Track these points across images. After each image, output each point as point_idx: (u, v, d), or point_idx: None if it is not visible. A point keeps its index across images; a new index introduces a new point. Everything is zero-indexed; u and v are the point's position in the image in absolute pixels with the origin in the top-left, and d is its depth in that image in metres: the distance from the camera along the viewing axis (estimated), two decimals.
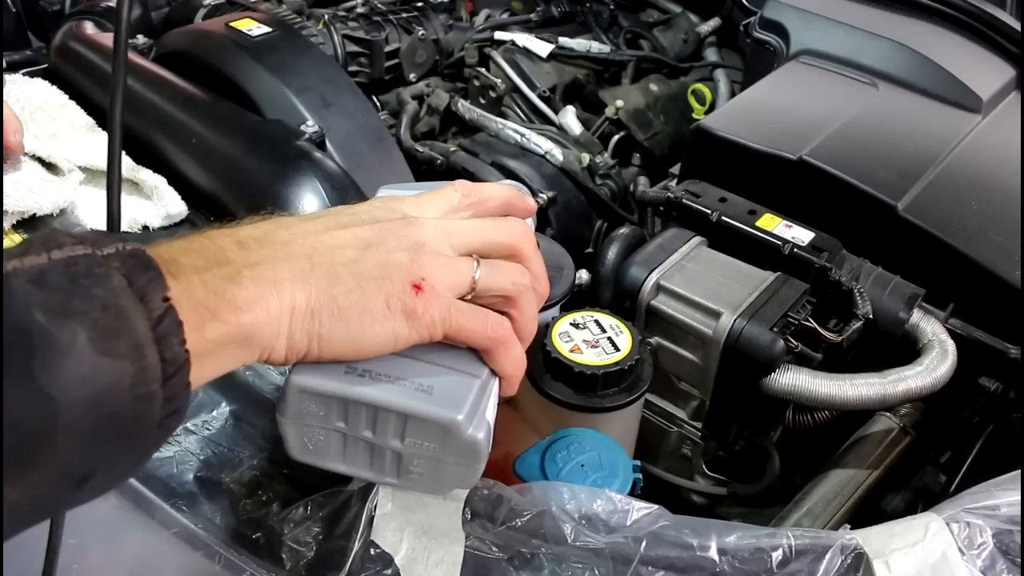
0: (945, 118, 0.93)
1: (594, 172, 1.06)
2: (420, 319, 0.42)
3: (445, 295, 0.43)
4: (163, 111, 0.97)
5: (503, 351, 0.45)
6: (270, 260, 0.40)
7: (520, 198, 0.53)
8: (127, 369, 0.32)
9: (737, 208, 0.82)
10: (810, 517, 0.71)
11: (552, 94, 1.20)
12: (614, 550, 0.47)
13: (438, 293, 0.42)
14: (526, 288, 0.47)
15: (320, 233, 0.42)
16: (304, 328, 0.40)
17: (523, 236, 0.48)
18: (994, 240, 0.77)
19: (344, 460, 0.46)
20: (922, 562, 0.46)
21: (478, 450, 0.43)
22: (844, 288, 0.75)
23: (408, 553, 0.48)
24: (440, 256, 0.44)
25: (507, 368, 0.46)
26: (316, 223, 0.43)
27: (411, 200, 0.48)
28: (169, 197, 0.85)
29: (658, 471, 0.83)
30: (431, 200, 0.48)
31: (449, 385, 0.43)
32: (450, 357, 0.45)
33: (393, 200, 0.47)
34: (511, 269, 0.47)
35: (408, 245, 0.43)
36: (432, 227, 0.45)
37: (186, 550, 0.51)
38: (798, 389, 0.70)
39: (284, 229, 0.42)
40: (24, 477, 0.31)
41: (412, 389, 0.42)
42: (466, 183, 0.50)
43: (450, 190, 0.49)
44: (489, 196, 0.50)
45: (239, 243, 0.40)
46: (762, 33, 1.11)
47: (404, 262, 0.42)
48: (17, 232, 0.79)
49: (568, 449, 0.58)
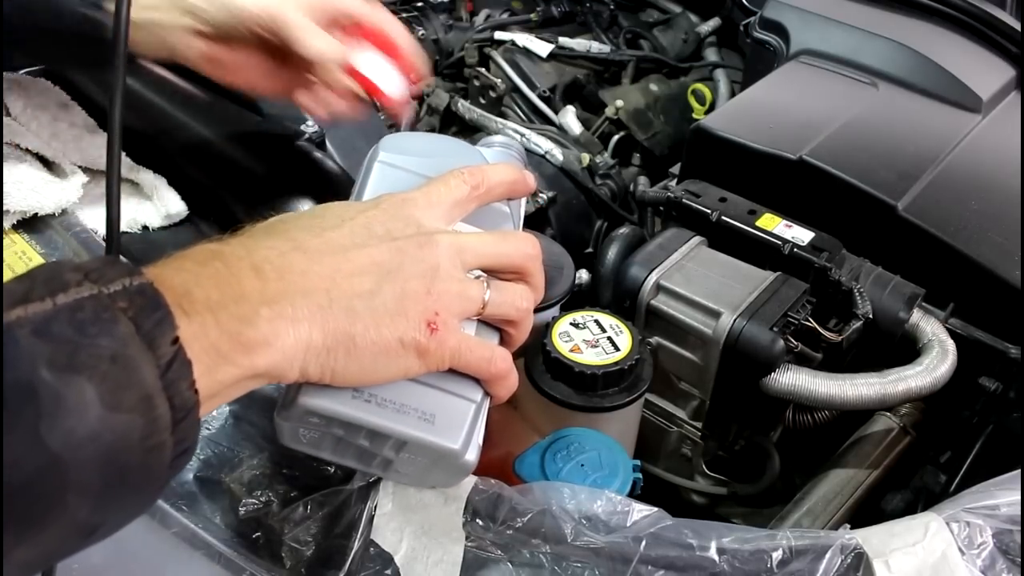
0: (945, 118, 0.93)
1: (594, 172, 1.06)
2: (431, 357, 0.43)
3: (456, 331, 0.44)
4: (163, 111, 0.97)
5: (500, 382, 0.47)
6: (288, 295, 0.39)
7: (523, 179, 0.53)
8: (136, 422, 0.32)
9: (737, 208, 0.82)
10: (810, 517, 0.71)
11: (552, 94, 1.20)
12: (614, 550, 0.47)
13: (451, 329, 0.43)
14: (528, 311, 0.48)
15: (338, 256, 0.41)
16: (319, 362, 0.40)
17: (533, 255, 0.49)
18: (994, 240, 0.77)
19: (334, 455, 0.47)
20: (922, 562, 0.46)
21: (468, 469, 0.46)
22: (844, 288, 0.75)
23: (408, 553, 0.48)
24: (453, 282, 0.44)
25: (501, 394, 0.48)
26: (332, 240, 0.42)
27: (420, 197, 0.47)
28: (169, 197, 0.86)
29: (658, 471, 0.83)
30: (439, 194, 0.48)
31: (449, 412, 0.45)
32: (450, 379, 0.46)
33: (403, 201, 0.47)
34: (518, 294, 0.48)
35: (424, 271, 0.43)
36: (446, 247, 0.45)
37: (186, 550, 0.51)
38: (798, 389, 0.70)
39: (301, 252, 0.41)
40: (35, 538, 0.30)
41: (415, 418, 0.44)
42: (470, 170, 0.49)
43: (457, 181, 0.49)
44: (494, 183, 0.50)
45: (256, 270, 0.39)
46: (762, 33, 1.11)
47: (420, 293, 0.42)
48: (17, 232, 0.79)
49: (568, 449, 0.58)
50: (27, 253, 0.77)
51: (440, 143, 0.57)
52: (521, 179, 0.53)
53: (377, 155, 0.54)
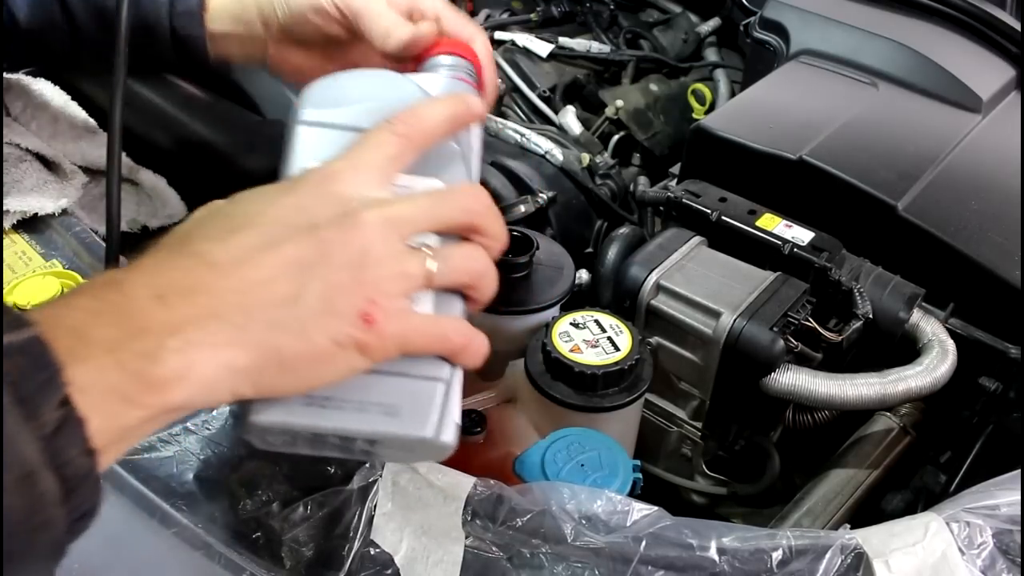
0: (945, 118, 0.93)
1: (594, 172, 1.06)
2: (374, 350, 0.38)
3: (398, 316, 0.39)
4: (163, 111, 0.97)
5: (464, 353, 0.43)
6: (198, 320, 0.35)
7: (464, 105, 0.46)
8: (15, 503, 0.28)
9: (737, 208, 0.82)
10: (810, 517, 0.71)
11: (552, 94, 1.20)
12: (614, 550, 0.47)
13: (391, 315, 0.38)
14: (484, 271, 0.43)
15: (249, 263, 0.37)
16: (250, 382, 0.36)
17: (475, 209, 0.43)
18: (994, 240, 0.77)
19: (312, 451, 0.45)
20: (922, 562, 0.46)
21: (448, 449, 0.43)
22: (844, 288, 0.75)
23: (408, 553, 0.48)
24: (388, 262, 0.39)
25: (470, 363, 0.43)
26: (242, 245, 0.37)
27: (344, 167, 0.41)
28: (169, 197, 0.86)
29: (658, 471, 0.83)
30: (365, 158, 0.42)
31: (414, 398, 0.41)
32: (411, 361, 0.42)
33: (324, 177, 0.41)
34: (467, 256, 0.42)
35: (351, 258, 0.38)
36: (374, 224, 0.39)
37: (186, 550, 0.51)
38: (798, 389, 0.70)
39: (207, 267, 0.36)
40: None
41: (378, 414, 0.40)
42: (400, 117, 0.43)
43: (385, 136, 0.42)
44: (431, 124, 0.44)
45: (159, 297, 0.35)
46: (762, 33, 1.11)
47: (350, 285, 0.37)
48: (17, 232, 0.79)
49: (568, 449, 0.58)
50: (27, 253, 0.77)
51: (368, 82, 0.49)
52: (463, 109, 0.46)
53: (297, 114, 0.47)
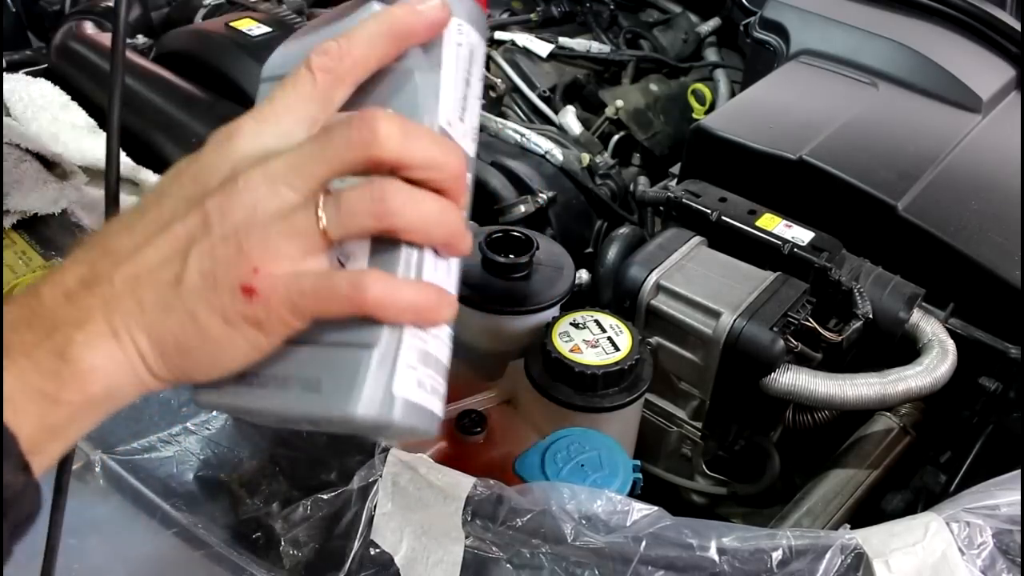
0: (945, 118, 0.93)
1: (594, 172, 1.06)
2: (268, 325, 0.35)
3: (285, 282, 0.34)
4: (163, 111, 0.97)
5: (395, 310, 0.35)
6: (98, 309, 0.35)
7: (411, 14, 0.38)
8: None
9: (737, 208, 0.82)
10: (810, 517, 0.71)
11: (552, 94, 1.20)
12: (614, 550, 0.47)
13: (276, 284, 0.34)
14: (400, 209, 0.35)
15: (145, 247, 0.35)
16: (163, 366, 0.36)
17: (378, 130, 0.34)
18: (994, 240, 0.77)
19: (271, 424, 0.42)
20: (922, 562, 0.46)
21: (403, 428, 0.36)
22: (844, 288, 0.75)
23: (408, 553, 0.48)
24: (273, 224, 0.34)
25: (407, 317, 0.36)
26: (142, 228, 0.36)
27: (250, 119, 0.37)
28: None
29: (658, 471, 0.83)
30: (277, 104, 0.37)
31: (337, 369, 0.35)
32: (340, 326, 0.36)
33: (229, 135, 0.37)
34: (367, 198, 0.34)
35: (230, 228, 0.34)
36: (256, 183, 0.35)
37: (186, 550, 0.51)
38: (798, 389, 0.70)
39: (108, 256, 0.36)
40: None
41: (299, 390, 0.36)
42: (322, 47, 0.37)
43: (301, 71, 0.37)
44: (359, 52, 0.37)
45: (66, 294, 0.35)
46: (762, 33, 1.11)
47: (228, 257, 0.34)
48: (17, 232, 0.79)
49: (568, 449, 0.58)
50: (27, 253, 0.77)
51: (333, 21, 0.41)
52: (408, 20, 0.37)
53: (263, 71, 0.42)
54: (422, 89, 0.38)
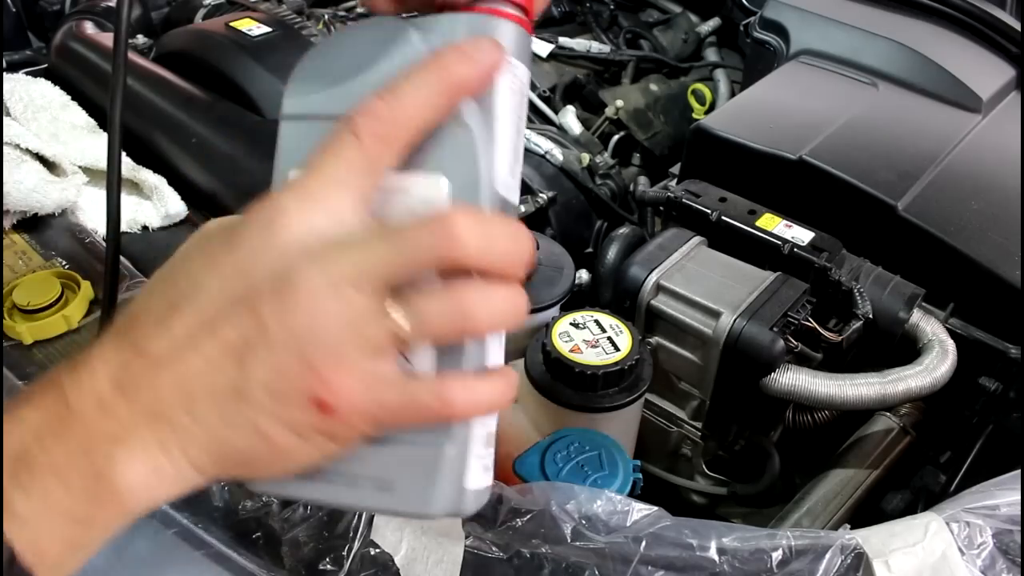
0: (945, 118, 0.93)
1: (594, 172, 1.06)
2: (343, 436, 0.33)
3: (361, 393, 0.32)
4: (163, 111, 0.97)
5: (468, 414, 0.34)
6: (142, 423, 0.31)
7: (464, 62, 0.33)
8: None
9: (737, 208, 0.82)
10: (810, 517, 0.71)
11: (552, 94, 1.20)
12: (614, 550, 0.47)
13: (353, 395, 0.32)
14: (476, 313, 0.33)
15: (188, 351, 0.32)
16: (216, 473, 0.33)
17: (458, 234, 0.31)
18: (994, 240, 0.77)
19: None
20: (922, 562, 0.46)
21: (467, 514, 0.36)
22: (844, 288, 0.75)
23: (408, 553, 0.48)
24: (339, 332, 0.31)
25: (483, 412, 0.35)
26: (180, 327, 0.32)
27: (291, 200, 0.32)
28: (169, 197, 0.86)
29: (658, 471, 0.83)
30: (320, 180, 0.32)
31: (411, 470, 0.34)
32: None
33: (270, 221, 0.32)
34: (450, 309, 0.32)
35: (291, 337, 0.31)
36: (316, 287, 0.31)
37: (186, 550, 0.51)
38: (798, 389, 0.70)
39: (144, 359, 0.32)
40: None
41: (371, 489, 0.35)
42: (369, 105, 0.32)
43: (346, 137, 0.32)
44: (409, 113, 0.32)
45: (100, 402, 0.31)
46: (762, 33, 1.11)
47: (293, 369, 0.31)
48: (17, 232, 0.79)
49: (568, 449, 0.58)
50: (27, 253, 0.77)
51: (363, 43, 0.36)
52: (462, 71, 0.33)
53: (282, 107, 0.37)
54: (479, 150, 0.34)
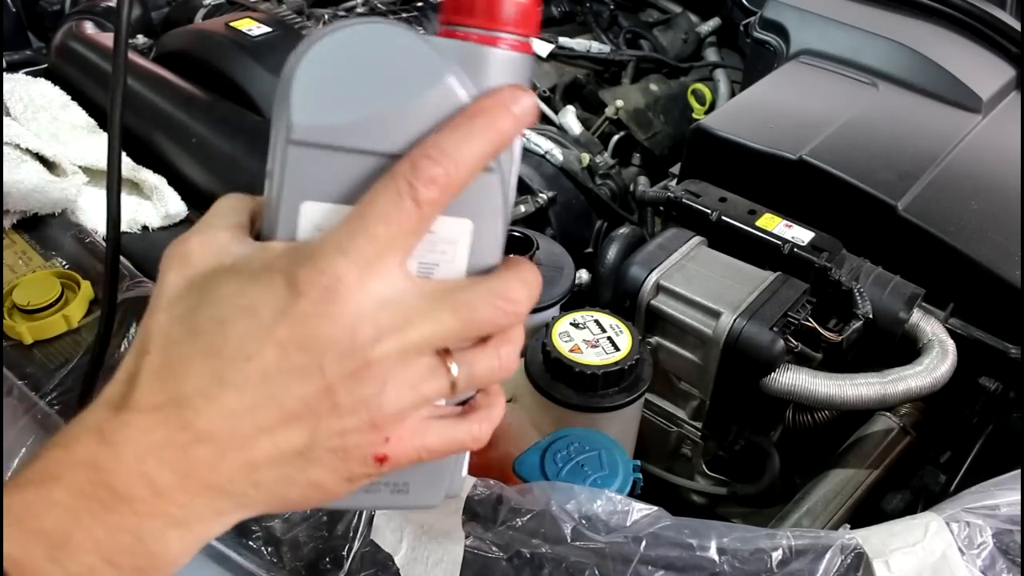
0: (945, 118, 0.93)
1: (594, 172, 1.06)
2: (387, 471, 0.35)
3: (412, 439, 0.34)
4: (163, 111, 0.97)
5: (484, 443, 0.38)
6: (203, 501, 0.31)
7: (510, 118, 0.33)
8: None
9: (737, 208, 0.82)
10: (810, 517, 0.71)
11: (552, 94, 1.20)
12: (614, 550, 0.47)
13: (405, 445, 0.34)
14: (513, 364, 0.36)
15: (248, 429, 0.31)
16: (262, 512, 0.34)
17: (518, 310, 0.34)
18: (994, 240, 0.77)
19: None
20: (922, 562, 0.46)
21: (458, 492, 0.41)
22: (844, 288, 0.75)
23: (408, 553, 0.48)
24: (404, 395, 0.33)
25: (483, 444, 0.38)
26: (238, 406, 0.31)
27: (350, 270, 0.31)
28: (169, 197, 0.86)
29: (658, 471, 0.83)
30: (375, 246, 0.31)
31: (423, 475, 0.38)
32: None
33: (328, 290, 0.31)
34: (493, 364, 0.35)
35: (360, 403, 0.32)
36: (388, 362, 0.32)
37: None
38: (798, 389, 0.70)
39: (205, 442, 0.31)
40: None
41: (387, 493, 0.38)
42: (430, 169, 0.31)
43: (403, 201, 0.31)
44: (463, 172, 0.32)
45: (155, 489, 0.30)
46: (762, 33, 1.11)
47: (361, 433, 0.32)
48: (17, 232, 0.79)
49: (568, 449, 0.58)
50: (27, 253, 0.77)
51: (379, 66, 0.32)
52: (508, 126, 0.33)
53: (288, 130, 0.32)
54: (502, 195, 0.34)
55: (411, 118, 0.32)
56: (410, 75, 0.32)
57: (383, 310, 0.32)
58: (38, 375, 0.65)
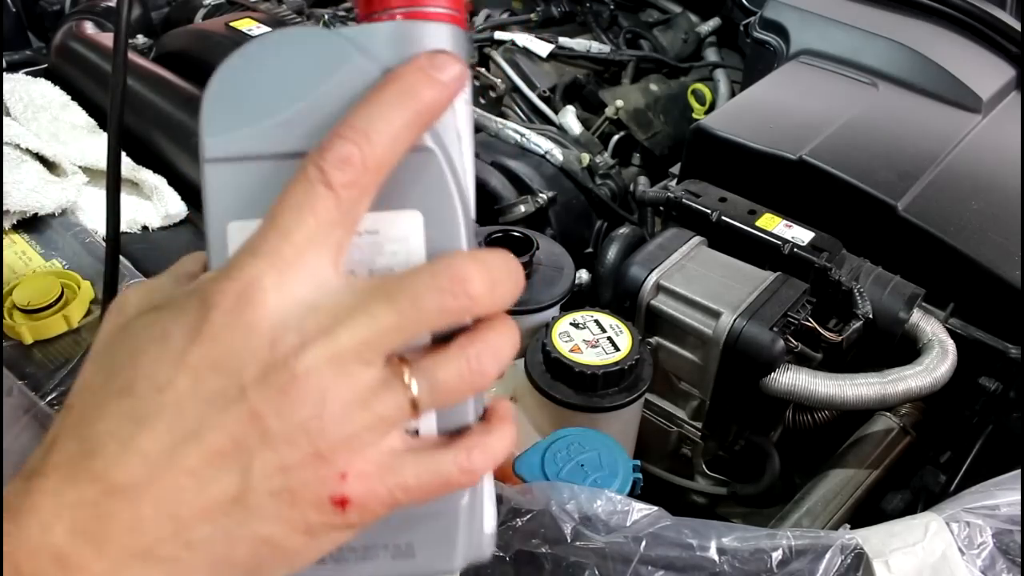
0: (945, 118, 0.93)
1: (594, 172, 1.06)
2: (359, 526, 0.29)
3: (382, 478, 0.28)
4: (163, 111, 0.97)
5: (484, 475, 0.33)
6: (126, 569, 0.26)
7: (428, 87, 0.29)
8: None
9: (737, 208, 0.82)
10: (810, 517, 0.71)
11: (552, 94, 1.20)
12: (614, 550, 0.47)
13: (372, 484, 0.28)
14: (492, 369, 0.30)
15: (168, 472, 0.26)
16: None
17: (473, 291, 0.28)
18: (994, 240, 0.77)
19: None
20: (922, 562, 0.46)
21: (487, 556, 0.35)
22: (844, 288, 0.75)
23: None
24: (352, 416, 0.27)
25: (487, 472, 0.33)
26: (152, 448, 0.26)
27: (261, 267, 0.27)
28: (169, 197, 0.86)
29: (658, 471, 0.84)
30: (291, 243, 0.27)
31: (430, 532, 0.33)
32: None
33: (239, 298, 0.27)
34: (461, 370, 0.29)
35: (296, 430, 0.27)
36: (319, 371, 0.27)
37: None
38: (798, 389, 0.70)
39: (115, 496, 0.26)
40: None
41: (389, 557, 0.33)
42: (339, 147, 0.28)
43: (314, 187, 0.28)
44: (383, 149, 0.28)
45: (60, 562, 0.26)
46: (762, 33, 1.11)
47: (305, 468, 0.27)
48: (17, 232, 0.79)
49: (568, 449, 0.58)
50: (27, 253, 0.77)
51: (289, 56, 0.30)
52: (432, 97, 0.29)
53: (202, 150, 0.30)
54: (448, 175, 0.31)
55: (323, 109, 0.29)
56: (318, 67, 0.30)
57: (309, 314, 0.27)
58: (38, 375, 0.65)
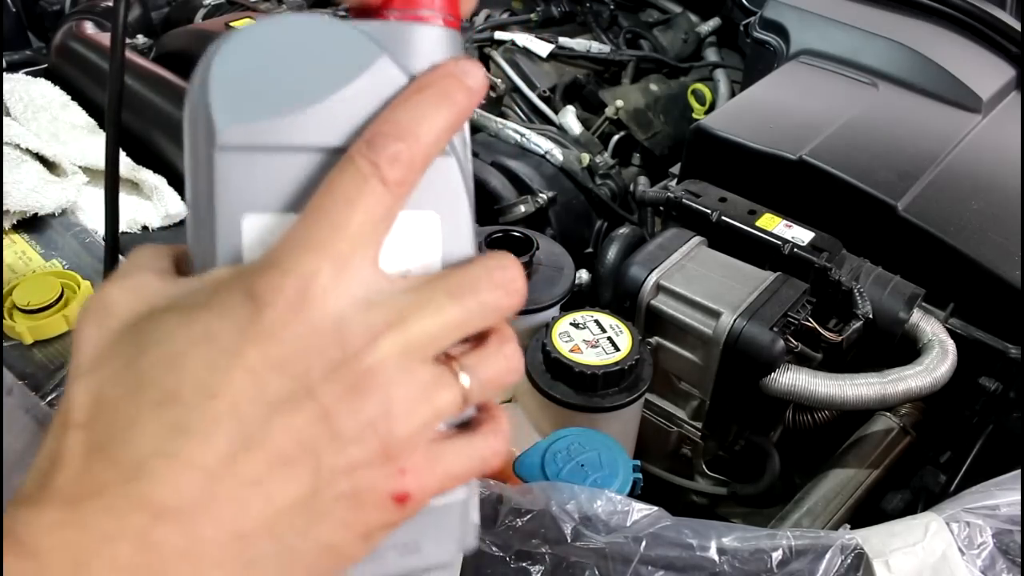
0: (945, 118, 0.93)
1: (594, 172, 1.06)
2: (410, 513, 0.29)
3: (431, 468, 0.28)
4: (163, 111, 0.97)
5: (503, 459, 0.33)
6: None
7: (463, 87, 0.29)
8: None
9: (737, 208, 0.82)
10: (810, 517, 0.71)
11: (552, 94, 1.20)
12: (614, 550, 0.47)
13: (425, 478, 0.28)
14: (520, 370, 0.31)
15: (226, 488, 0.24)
16: None
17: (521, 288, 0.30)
18: (994, 240, 0.77)
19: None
20: (922, 562, 0.46)
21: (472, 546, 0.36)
22: (844, 288, 0.75)
23: None
24: (417, 410, 0.27)
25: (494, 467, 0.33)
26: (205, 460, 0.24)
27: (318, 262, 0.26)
28: (169, 197, 0.86)
29: (658, 471, 0.84)
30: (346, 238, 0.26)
31: (434, 528, 0.34)
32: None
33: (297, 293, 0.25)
34: (500, 364, 0.30)
35: (365, 429, 0.26)
36: (391, 365, 0.26)
37: None
38: (798, 389, 0.70)
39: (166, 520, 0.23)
40: None
41: (396, 555, 0.33)
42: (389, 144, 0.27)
43: (369, 183, 0.27)
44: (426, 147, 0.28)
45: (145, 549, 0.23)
46: (762, 33, 1.11)
47: (372, 468, 0.26)
48: (17, 232, 0.79)
49: (568, 449, 0.58)
50: (27, 253, 0.77)
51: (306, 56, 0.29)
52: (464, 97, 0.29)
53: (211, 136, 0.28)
54: (461, 179, 0.31)
55: (350, 105, 0.29)
56: (341, 60, 0.29)
57: (371, 310, 0.26)
58: (38, 375, 0.65)
